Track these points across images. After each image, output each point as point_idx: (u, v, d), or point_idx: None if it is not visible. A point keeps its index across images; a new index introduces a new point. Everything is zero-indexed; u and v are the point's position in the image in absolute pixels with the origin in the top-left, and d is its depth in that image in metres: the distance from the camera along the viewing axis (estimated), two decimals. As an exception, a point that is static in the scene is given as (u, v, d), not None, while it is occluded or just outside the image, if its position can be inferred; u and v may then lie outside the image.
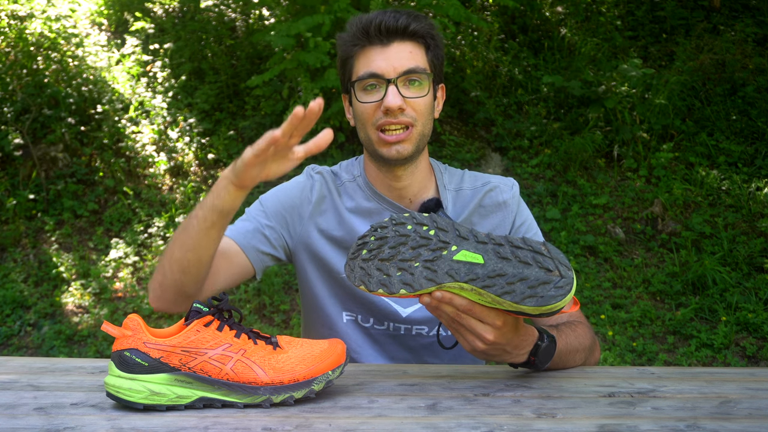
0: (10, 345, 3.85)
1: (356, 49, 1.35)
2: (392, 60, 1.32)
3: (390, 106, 1.30)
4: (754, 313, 3.85)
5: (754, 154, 5.13)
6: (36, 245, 4.53)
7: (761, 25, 6.17)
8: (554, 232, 4.51)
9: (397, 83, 1.31)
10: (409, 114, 1.32)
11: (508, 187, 1.47)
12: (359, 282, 1.06)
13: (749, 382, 1.18)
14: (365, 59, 1.34)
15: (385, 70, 1.32)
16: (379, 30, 1.32)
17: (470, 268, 1.02)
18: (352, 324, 1.47)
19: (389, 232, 1.09)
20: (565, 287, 0.99)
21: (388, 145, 1.33)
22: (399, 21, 1.32)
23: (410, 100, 1.32)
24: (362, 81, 1.33)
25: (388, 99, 1.30)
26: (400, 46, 1.33)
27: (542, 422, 0.97)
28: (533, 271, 1.00)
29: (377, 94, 1.33)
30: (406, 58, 1.32)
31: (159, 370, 1.00)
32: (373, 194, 1.44)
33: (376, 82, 1.33)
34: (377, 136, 1.34)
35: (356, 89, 1.34)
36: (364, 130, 1.37)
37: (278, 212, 1.44)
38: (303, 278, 1.49)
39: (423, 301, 1.05)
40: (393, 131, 1.33)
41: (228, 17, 5.98)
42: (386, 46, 1.33)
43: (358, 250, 1.09)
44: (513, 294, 0.99)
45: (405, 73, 1.32)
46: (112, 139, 5.00)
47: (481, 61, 5.70)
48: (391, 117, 1.31)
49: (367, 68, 1.33)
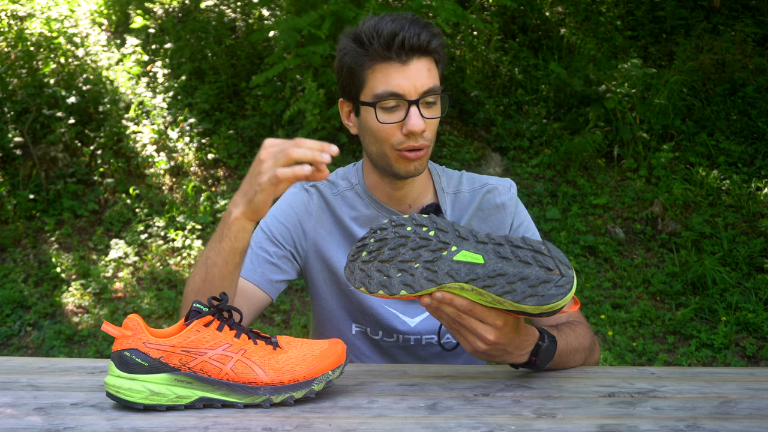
0: (10, 345, 3.85)
1: (372, 63, 1.29)
2: (413, 79, 1.27)
3: (414, 130, 1.27)
4: (754, 313, 3.85)
5: (754, 154, 5.13)
6: (36, 245, 4.53)
7: (761, 25, 6.17)
8: (554, 232, 4.51)
9: (419, 105, 1.28)
10: (427, 137, 1.30)
11: (506, 189, 1.47)
12: (359, 284, 1.06)
13: (749, 382, 1.18)
14: (383, 76, 1.28)
15: (407, 91, 1.27)
16: (402, 47, 1.26)
17: (470, 268, 1.02)
18: (362, 335, 1.47)
19: (389, 234, 1.08)
20: (566, 286, 0.99)
21: (407, 162, 1.31)
22: (421, 38, 1.27)
23: (429, 121, 1.30)
24: (382, 100, 1.29)
25: (413, 122, 1.27)
26: (418, 64, 1.28)
27: (542, 422, 0.97)
28: (534, 271, 1.00)
29: (397, 114, 1.29)
30: (426, 76, 1.28)
31: (159, 370, 1.00)
32: (372, 202, 1.43)
33: (396, 102, 1.29)
34: (396, 154, 1.31)
35: (376, 108, 1.30)
36: (378, 146, 1.33)
37: (283, 234, 1.43)
38: (313, 290, 1.49)
39: (423, 302, 1.05)
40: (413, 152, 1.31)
41: (228, 17, 5.98)
42: (406, 64, 1.28)
43: (358, 252, 1.09)
44: (514, 293, 0.99)
45: (425, 94, 1.28)
46: (112, 139, 5.00)
47: (481, 61, 5.70)
48: (413, 140, 1.29)
49: (386, 87, 1.28)
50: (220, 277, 1.18)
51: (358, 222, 1.43)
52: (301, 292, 4.22)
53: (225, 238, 1.16)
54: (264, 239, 1.42)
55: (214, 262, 1.18)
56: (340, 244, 1.43)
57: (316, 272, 1.46)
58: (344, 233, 1.44)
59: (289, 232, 1.43)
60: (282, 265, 1.41)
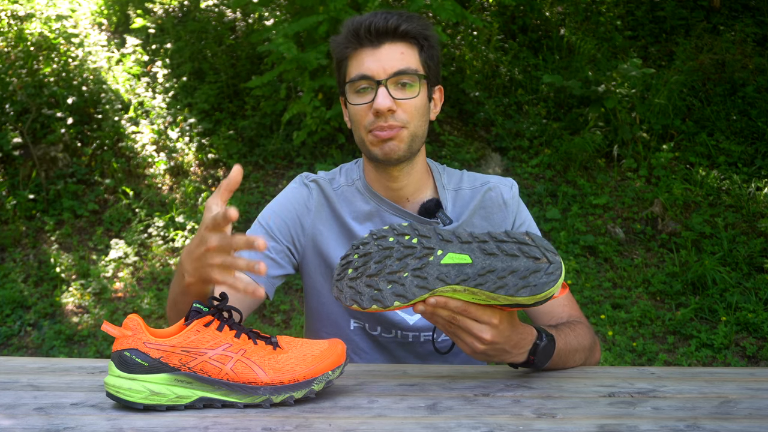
0: (10, 345, 3.85)
1: (348, 51, 1.35)
2: (383, 61, 1.31)
3: (379, 107, 1.29)
4: (754, 313, 3.85)
5: (754, 154, 5.13)
6: (36, 245, 4.53)
7: (761, 25, 6.17)
8: (554, 232, 4.51)
9: (387, 84, 1.30)
10: (399, 117, 1.31)
11: (507, 188, 1.47)
12: (350, 302, 1.05)
13: (749, 382, 1.18)
14: (356, 61, 1.33)
15: (375, 72, 1.31)
16: (369, 31, 1.31)
17: (460, 270, 1.02)
18: (360, 331, 1.47)
19: (372, 248, 1.08)
20: (555, 272, 1.00)
21: (380, 142, 1.32)
22: (389, 22, 1.31)
23: (401, 102, 1.31)
24: (354, 83, 1.33)
25: (378, 100, 1.29)
26: (391, 47, 1.32)
27: (542, 422, 0.97)
28: (522, 262, 1.01)
29: (368, 96, 1.32)
30: (397, 59, 1.32)
31: (159, 370, 1.00)
32: (372, 196, 1.43)
33: (367, 84, 1.32)
34: (370, 137, 1.33)
35: (348, 91, 1.34)
36: (357, 132, 1.36)
37: (281, 229, 1.43)
38: (309, 286, 1.48)
39: (417, 309, 1.04)
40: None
41: (228, 17, 5.98)
42: (377, 48, 1.32)
43: (343, 270, 1.08)
44: (506, 287, 1.00)
45: (395, 75, 1.30)
46: (112, 139, 5.00)
47: (481, 61, 5.70)
48: (382, 120, 1.30)
49: (358, 70, 1.33)
50: (190, 303, 1.17)
51: (359, 218, 1.43)
52: (301, 292, 4.20)
53: (188, 294, 1.13)
54: (262, 234, 1.42)
55: (183, 300, 1.16)
56: (339, 240, 1.43)
57: (313, 268, 1.45)
58: (343, 229, 1.44)
59: (288, 227, 1.43)
60: (280, 261, 1.41)
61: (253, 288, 1.02)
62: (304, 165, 4.99)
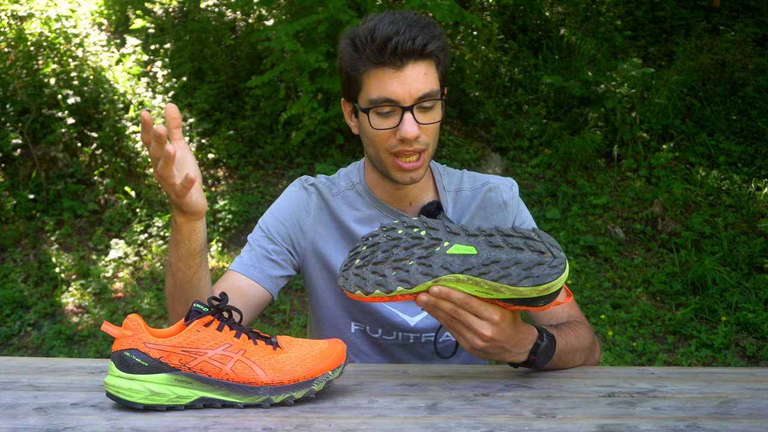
0: (10, 345, 3.85)
1: (367, 68, 1.27)
2: (408, 85, 1.25)
3: (407, 136, 1.26)
4: (754, 313, 3.85)
5: (754, 154, 5.13)
6: (36, 245, 4.53)
7: (761, 25, 6.17)
8: (554, 232, 4.51)
9: (413, 111, 1.26)
10: (422, 141, 1.29)
11: (508, 188, 1.47)
12: (355, 288, 1.06)
13: (749, 382, 1.18)
14: (377, 81, 1.27)
15: (401, 97, 1.26)
16: (395, 52, 1.24)
17: (464, 259, 1.02)
18: (361, 334, 1.47)
19: (380, 239, 1.09)
20: (560, 266, 1.00)
21: (403, 172, 1.31)
22: (416, 43, 1.24)
23: (425, 126, 1.29)
24: (376, 106, 1.28)
25: (405, 128, 1.26)
26: (414, 69, 1.26)
27: (542, 422, 0.97)
28: (526, 255, 1.01)
29: (391, 120, 1.28)
30: (421, 81, 1.26)
31: (159, 370, 1.00)
32: (373, 201, 1.43)
33: (390, 109, 1.27)
34: (392, 161, 1.31)
35: (370, 113, 1.29)
36: (374, 150, 1.33)
37: (281, 232, 1.43)
38: (311, 289, 1.49)
39: (420, 300, 1.04)
40: (408, 159, 1.30)
41: (228, 17, 5.98)
42: (400, 70, 1.25)
43: (351, 260, 1.10)
44: (509, 277, 1.00)
45: (420, 99, 1.26)
46: (112, 139, 5.00)
47: (481, 61, 5.70)
48: (407, 145, 1.28)
49: (380, 92, 1.26)
50: (186, 280, 1.23)
51: (359, 221, 1.43)
52: (301, 292, 4.22)
53: (180, 243, 1.20)
54: (262, 237, 1.43)
55: (178, 267, 1.22)
56: (339, 243, 1.43)
57: (314, 271, 1.46)
58: (343, 233, 1.44)
59: (287, 230, 1.43)
60: (281, 262, 1.42)
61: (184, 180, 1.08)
62: (304, 165, 4.99)
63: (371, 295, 1.05)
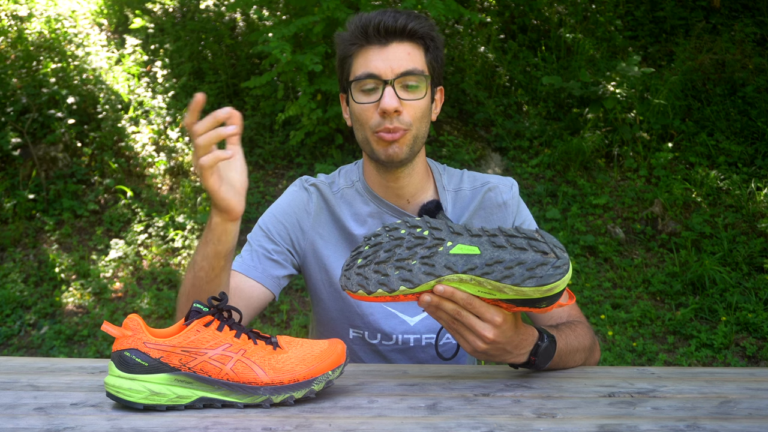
0: (10, 345, 3.85)
1: (354, 49, 1.34)
2: (390, 61, 1.30)
3: (386, 108, 1.28)
4: (754, 313, 3.85)
5: (754, 154, 5.13)
6: (36, 245, 4.53)
7: (761, 25, 6.17)
8: (554, 232, 4.51)
9: (394, 85, 1.30)
10: (404, 119, 1.31)
11: (508, 187, 1.47)
12: (357, 287, 1.06)
13: (749, 382, 1.18)
14: (363, 59, 1.32)
15: (383, 71, 1.30)
16: (378, 30, 1.30)
17: (468, 259, 1.02)
18: (359, 340, 1.46)
19: (383, 239, 1.09)
20: (563, 267, 1.00)
21: (384, 145, 1.32)
22: (398, 21, 1.30)
23: (407, 103, 1.31)
24: (360, 81, 1.32)
25: (385, 100, 1.29)
26: (398, 47, 1.31)
27: (542, 422, 0.97)
28: (530, 255, 1.01)
29: (374, 96, 1.31)
30: (404, 59, 1.31)
31: (159, 370, 1.00)
32: (372, 197, 1.43)
33: (373, 84, 1.31)
34: (375, 138, 1.33)
35: (353, 89, 1.33)
36: (361, 130, 1.35)
37: (281, 232, 1.43)
38: (311, 290, 1.49)
39: (423, 300, 1.04)
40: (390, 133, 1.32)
41: (228, 17, 5.98)
42: (384, 47, 1.31)
43: (353, 260, 1.09)
44: (512, 277, 1.00)
45: (402, 75, 1.30)
46: (111, 139, 5.00)
47: (481, 61, 5.70)
48: (387, 122, 1.30)
49: (364, 68, 1.32)
50: (207, 280, 1.22)
51: (358, 219, 1.43)
52: (301, 292, 4.22)
53: (209, 242, 1.20)
54: (262, 237, 1.43)
55: (201, 267, 1.21)
56: (338, 245, 1.43)
57: (313, 272, 1.46)
58: (342, 234, 1.44)
59: (287, 230, 1.43)
60: (282, 261, 1.42)
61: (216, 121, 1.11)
62: (303, 165, 4.99)
63: (373, 295, 1.05)
